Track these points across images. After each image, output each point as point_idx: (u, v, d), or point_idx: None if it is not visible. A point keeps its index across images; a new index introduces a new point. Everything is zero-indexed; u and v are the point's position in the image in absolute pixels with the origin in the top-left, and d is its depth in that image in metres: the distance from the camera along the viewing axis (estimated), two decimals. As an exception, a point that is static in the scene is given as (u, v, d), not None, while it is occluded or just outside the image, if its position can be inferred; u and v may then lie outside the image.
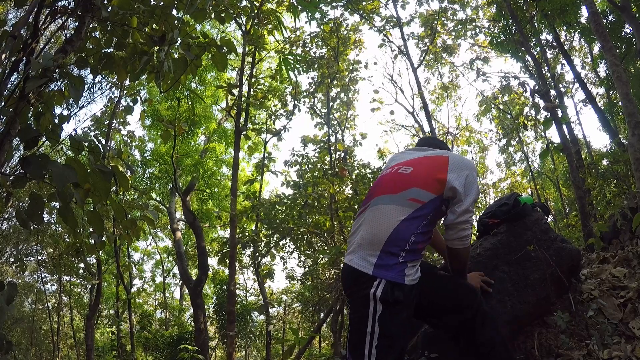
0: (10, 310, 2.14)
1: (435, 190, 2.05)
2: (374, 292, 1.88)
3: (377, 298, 1.87)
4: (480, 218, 3.12)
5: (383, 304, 1.87)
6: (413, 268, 1.99)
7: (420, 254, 2.05)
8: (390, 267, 1.91)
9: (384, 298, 1.87)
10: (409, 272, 1.95)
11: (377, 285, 1.88)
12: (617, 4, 7.51)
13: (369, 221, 2.04)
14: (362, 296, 1.91)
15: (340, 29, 9.96)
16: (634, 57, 10.98)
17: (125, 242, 13.65)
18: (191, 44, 2.89)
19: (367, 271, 1.92)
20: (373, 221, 2.02)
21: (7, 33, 2.28)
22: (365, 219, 2.07)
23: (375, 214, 2.04)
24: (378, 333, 1.86)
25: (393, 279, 1.89)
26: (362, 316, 1.90)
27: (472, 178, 2.09)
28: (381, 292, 1.87)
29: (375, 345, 1.86)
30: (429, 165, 2.14)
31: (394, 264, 1.92)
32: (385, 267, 1.91)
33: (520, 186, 17.35)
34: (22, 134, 2.22)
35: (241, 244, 8.65)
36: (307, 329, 12.44)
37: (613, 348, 2.46)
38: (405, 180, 2.09)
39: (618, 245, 3.75)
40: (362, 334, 1.89)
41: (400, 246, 1.94)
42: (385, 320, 1.87)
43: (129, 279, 16.93)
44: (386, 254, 1.93)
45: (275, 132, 10.40)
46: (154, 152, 16.04)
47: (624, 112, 5.56)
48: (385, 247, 1.93)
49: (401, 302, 1.90)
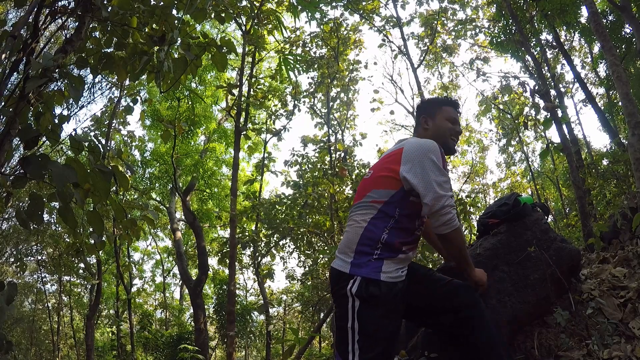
0: (10, 310, 2.15)
1: (392, 185, 2.06)
2: (350, 288, 1.95)
3: (353, 294, 1.94)
4: (480, 218, 3.12)
5: (359, 300, 1.93)
6: (393, 265, 2.00)
7: (401, 251, 2.03)
8: (365, 265, 1.97)
9: (359, 293, 1.93)
10: (388, 269, 1.98)
11: (353, 283, 1.96)
12: (617, 4, 7.51)
13: (346, 229, 2.14)
14: (342, 294, 1.98)
15: (340, 29, 9.96)
16: (634, 57, 10.98)
17: (125, 242, 13.65)
18: (191, 44, 2.89)
19: (345, 270, 2.01)
20: (348, 228, 2.12)
21: (7, 33, 2.28)
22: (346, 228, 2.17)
23: (349, 222, 2.14)
24: (358, 328, 1.92)
25: (367, 275, 1.95)
26: (343, 313, 1.97)
27: (427, 163, 2.00)
28: (356, 288, 1.94)
29: (357, 340, 1.91)
30: (386, 163, 2.15)
31: (367, 261, 1.98)
32: (360, 265, 1.98)
33: (520, 186, 17.37)
34: (22, 134, 2.22)
35: (241, 244, 8.65)
36: (307, 329, 12.45)
37: (613, 348, 2.46)
38: (366, 185, 2.16)
39: (618, 245, 3.74)
40: (344, 330, 1.95)
41: (372, 245, 2.00)
42: (363, 315, 1.93)
43: (129, 279, 16.95)
44: (359, 253, 2.00)
45: (275, 132, 10.41)
46: (154, 152, 16.05)
47: (624, 112, 5.55)
48: (358, 248, 2.01)
49: (376, 297, 1.93)
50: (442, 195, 1.96)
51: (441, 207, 1.96)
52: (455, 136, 2.28)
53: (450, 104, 2.33)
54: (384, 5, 11.15)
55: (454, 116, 2.29)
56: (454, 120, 2.28)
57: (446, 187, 1.99)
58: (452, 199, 2.00)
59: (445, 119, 2.27)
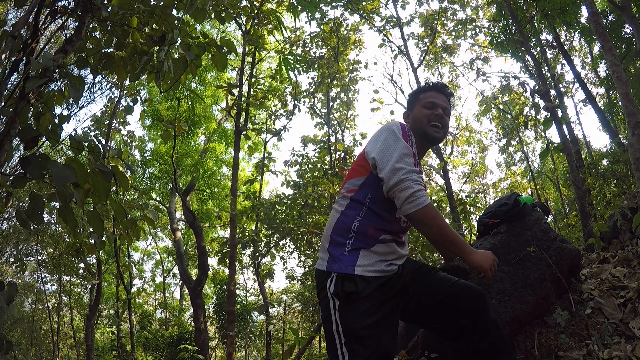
0: (10, 310, 2.14)
1: (363, 172, 1.93)
2: (329, 287, 1.81)
3: (331, 293, 1.80)
4: (480, 218, 3.12)
5: (338, 299, 1.79)
6: (372, 257, 1.83)
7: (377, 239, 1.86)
8: (338, 258, 1.83)
9: (336, 292, 1.79)
10: (364, 262, 1.81)
11: (331, 281, 1.81)
12: (617, 4, 7.51)
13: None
14: (323, 296, 1.85)
15: (340, 29, 9.96)
16: (634, 57, 10.98)
17: (125, 242, 13.65)
18: (191, 44, 2.89)
19: (322, 268, 1.88)
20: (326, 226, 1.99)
21: (7, 33, 2.28)
22: None
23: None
24: (342, 330, 1.77)
25: (342, 271, 1.80)
26: (327, 316, 1.83)
27: (389, 138, 1.85)
28: (333, 286, 1.80)
29: (344, 343, 1.76)
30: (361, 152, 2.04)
31: (341, 254, 1.83)
32: (334, 259, 1.84)
33: (520, 186, 17.38)
34: (22, 134, 2.22)
35: (241, 244, 8.65)
36: (307, 329, 12.45)
37: (613, 348, 2.46)
38: (345, 179, 2.03)
39: (618, 245, 3.74)
40: (330, 334, 1.81)
41: (344, 235, 1.85)
42: (344, 315, 1.77)
43: (129, 279, 16.95)
44: (333, 245, 1.87)
45: (275, 132, 10.41)
46: (154, 152, 16.06)
47: (624, 112, 5.56)
48: (332, 239, 1.88)
49: (354, 294, 1.76)
50: (399, 168, 1.76)
51: (398, 180, 1.75)
52: (435, 121, 2.03)
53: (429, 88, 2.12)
54: (384, 5, 11.16)
55: (433, 100, 2.06)
56: (432, 105, 2.04)
57: (407, 161, 1.79)
58: (414, 175, 1.77)
59: (421, 106, 2.06)
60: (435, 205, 6.47)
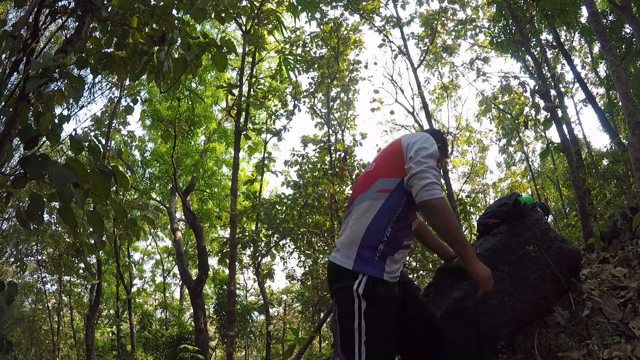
0: (10, 310, 2.14)
1: (398, 171, 2.03)
2: (356, 288, 1.89)
3: (360, 294, 1.88)
4: (480, 218, 3.11)
5: (366, 300, 1.88)
6: (394, 265, 1.97)
7: (400, 247, 2.00)
8: (370, 262, 1.93)
9: (366, 294, 1.88)
10: (389, 269, 1.95)
11: (359, 282, 1.90)
12: (617, 4, 7.52)
13: (350, 222, 2.06)
14: (346, 294, 1.92)
15: (340, 29, 9.96)
16: (634, 57, 10.98)
17: (125, 242, 13.65)
18: (191, 44, 2.89)
19: (347, 267, 1.94)
20: (353, 221, 2.04)
21: (7, 33, 2.28)
22: (347, 221, 2.10)
23: (355, 215, 2.05)
24: (365, 329, 1.86)
25: (374, 275, 1.91)
26: (348, 313, 1.90)
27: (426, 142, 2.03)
28: (363, 288, 1.89)
29: (365, 342, 1.85)
30: (387, 152, 2.16)
31: (372, 258, 1.93)
32: (365, 262, 1.93)
33: (520, 186, 17.37)
34: (22, 134, 2.22)
35: (241, 244, 8.65)
36: (307, 329, 12.45)
37: (613, 348, 2.46)
38: (371, 176, 2.10)
39: (618, 245, 3.74)
40: (350, 331, 1.89)
41: (377, 239, 1.95)
42: (371, 316, 1.88)
43: (129, 279, 16.94)
44: (364, 248, 1.94)
45: (275, 132, 10.40)
46: (154, 152, 16.06)
47: (624, 112, 5.56)
48: (363, 242, 1.95)
49: (382, 298, 1.90)
50: (424, 162, 1.93)
51: (420, 170, 1.90)
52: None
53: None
54: (384, 5, 11.16)
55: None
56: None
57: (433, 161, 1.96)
58: (435, 171, 1.93)
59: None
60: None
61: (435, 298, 2.73)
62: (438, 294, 2.73)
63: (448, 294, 2.64)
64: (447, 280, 2.74)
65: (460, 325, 2.50)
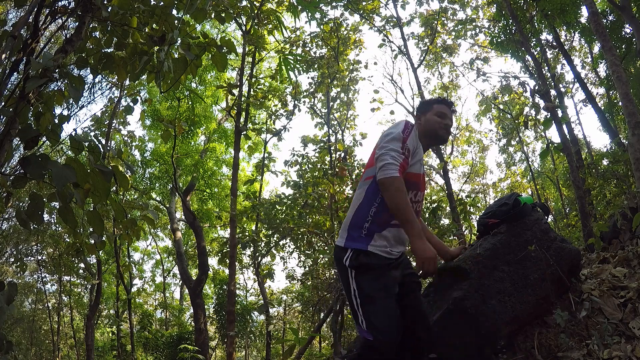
0: (10, 310, 2.14)
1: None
2: (345, 260, 2.18)
3: (348, 265, 2.17)
4: (480, 218, 3.11)
5: (354, 269, 2.15)
6: (382, 240, 2.18)
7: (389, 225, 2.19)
8: (356, 239, 2.19)
9: (351, 264, 2.16)
10: (377, 244, 2.17)
11: (348, 255, 2.18)
12: (617, 4, 7.52)
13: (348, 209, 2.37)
14: (340, 267, 2.23)
15: (340, 29, 9.95)
16: (634, 57, 10.98)
17: (125, 242, 13.65)
18: (191, 44, 2.89)
19: (341, 244, 2.25)
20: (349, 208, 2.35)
21: (7, 33, 2.28)
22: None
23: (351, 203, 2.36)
24: (358, 294, 2.13)
25: (357, 247, 2.17)
26: (347, 285, 2.18)
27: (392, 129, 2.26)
28: (349, 260, 2.17)
29: (360, 304, 2.11)
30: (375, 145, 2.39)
31: (358, 236, 2.19)
32: (353, 239, 2.20)
33: (520, 186, 17.37)
34: (22, 134, 2.22)
35: (241, 244, 8.64)
36: (307, 329, 12.44)
37: (613, 348, 2.46)
38: (365, 168, 2.40)
39: (618, 245, 3.74)
40: (351, 300, 2.16)
41: (363, 219, 2.21)
42: (361, 282, 2.13)
43: (129, 279, 16.93)
44: (353, 228, 2.23)
45: (275, 132, 10.40)
46: (154, 152, 16.05)
47: (624, 112, 5.56)
48: (352, 223, 2.24)
49: (367, 265, 2.13)
50: (384, 146, 2.16)
51: (381, 154, 2.14)
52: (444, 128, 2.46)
53: (441, 102, 2.54)
54: (384, 5, 11.16)
55: (444, 111, 2.48)
56: (443, 115, 2.46)
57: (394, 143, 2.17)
58: (394, 152, 2.13)
59: (434, 114, 2.46)
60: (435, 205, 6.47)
61: (435, 298, 2.73)
62: (438, 294, 2.73)
63: (448, 294, 2.64)
64: (447, 280, 2.74)
65: (460, 325, 2.50)
